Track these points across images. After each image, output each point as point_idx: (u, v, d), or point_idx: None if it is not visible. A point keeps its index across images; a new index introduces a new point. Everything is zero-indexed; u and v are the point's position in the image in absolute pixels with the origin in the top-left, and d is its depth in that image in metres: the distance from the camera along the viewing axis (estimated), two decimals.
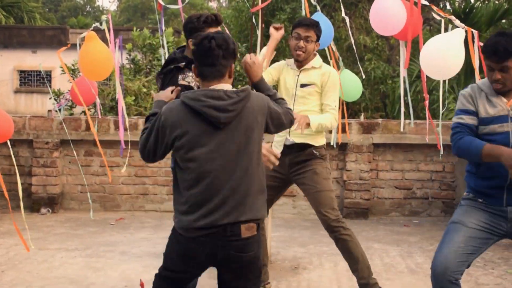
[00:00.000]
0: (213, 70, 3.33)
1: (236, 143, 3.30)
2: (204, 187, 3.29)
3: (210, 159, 3.28)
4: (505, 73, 3.71)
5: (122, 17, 41.19)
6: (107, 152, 8.68)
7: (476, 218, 3.87)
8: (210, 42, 3.31)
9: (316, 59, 5.18)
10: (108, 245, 7.00)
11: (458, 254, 3.80)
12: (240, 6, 15.96)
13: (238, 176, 3.31)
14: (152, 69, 11.65)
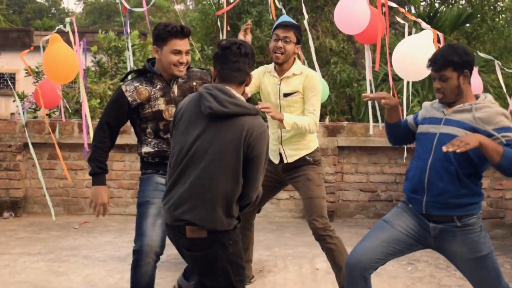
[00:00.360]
0: (237, 75, 3.50)
1: (215, 143, 3.39)
2: (176, 175, 3.47)
3: (187, 148, 3.44)
4: (444, 82, 3.79)
5: (88, 20, 40.89)
6: (71, 155, 8.60)
7: (404, 223, 3.91)
8: (240, 48, 3.48)
9: (296, 65, 5.07)
10: (72, 249, 6.94)
11: (376, 251, 3.85)
12: (207, 9, 15.95)
13: (204, 177, 3.38)
14: (117, 72, 11.57)
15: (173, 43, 4.32)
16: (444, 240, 3.80)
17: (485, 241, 3.77)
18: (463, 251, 3.78)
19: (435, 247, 3.90)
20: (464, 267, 3.86)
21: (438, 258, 6.85)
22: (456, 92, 3.77)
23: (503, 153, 3.55)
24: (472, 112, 3.71)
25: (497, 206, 7.74)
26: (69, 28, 7.05)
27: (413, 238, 3.89)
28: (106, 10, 40.64)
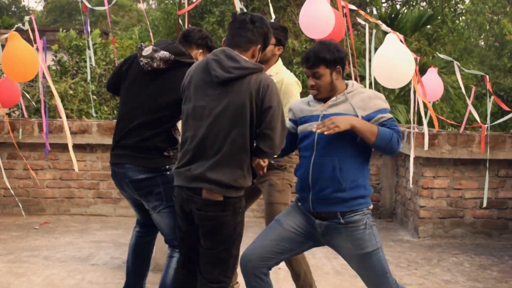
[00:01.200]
0: (238, 40, 3.63)
1: (225, 108, 3.52)
2: (189, 139, 3.62)
3: (198, 113, 3.57)
4: (318, 79, 3.83)
5: (49, 18, 40.41)
6: (31, 155, 8.49)
7: (293, 221, 3.94)
8: (245, 15, 3.66)
9: (276, 66, 4.95)
10: (32, 249, 6.85)
11: (266, 250, 3.89)
12: (169, 8, 15.92)
13: (221, 139, 3.52)
14: (79, 71, 11.46)
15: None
16: (331, 236, 3.83)
17: (370, 238, 3.78)
18: (348, 247, 3.81)
19: (325, 243, 3.94)
20: (351, 263, 3.91)
21: (399, 257, 6.92)
22: (329, 88, 3.81)
23: (377, 133, 3.63)
24: (347, 101, 3.77)
25: (457, 206, 7.83)
26: (28, 26, 6.96)
27: (302, 235, 3.91)
28: (67, 9, 40.23)
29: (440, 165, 7.79)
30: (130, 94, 4.38)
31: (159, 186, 4.30)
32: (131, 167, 4.29)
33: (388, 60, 5.56)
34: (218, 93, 3.54)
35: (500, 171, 7.84)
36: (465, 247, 7.45)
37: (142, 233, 4.76)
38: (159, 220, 4.43)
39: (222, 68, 3.52)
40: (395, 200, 8.90)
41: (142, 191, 4.35)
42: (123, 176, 4.34)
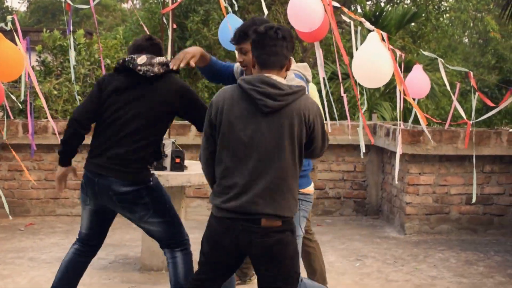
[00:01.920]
0: (276, 60, 3.45)
1: (274, 135, 3.40)
2: (236, 171, 3.44)
3: (246, 143, 3.42)
4: (244, 55, 3.92)
5: (33, 18, 40.15)
6: (14, 156, 8.43)
7: None
8: (276, 32, 3.44)
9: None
10: (17, 251, 6.81)
11: None
12: (153, 8, 15.85)
13: (272, 169, 3.41)
14: (63, 71, 11.40)
15: None
16: None
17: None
18: None
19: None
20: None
21: (385, 254, 6.94)
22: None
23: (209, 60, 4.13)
24: None
25: (442, 202, 7.86)
26: (11, 27, 6.90)
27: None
28: (51, 9, 39.96)
29: (425, 161, 7.81)
30: (121, 103, 4.31)
31: (144, 197, 4.31)
32: (116, 181, 4.26)
33: (367, 60, 5.56)
34: (266, 121, 3.40)
35: (485, 167, 7.88)
36: (451, 243, 7.48)
37: (82, 252, 4.60)
38: (149, 227, 4.45)
39: (268, 97, 3.37)
40: (381, 197, 8.92)
41: (126, 203, 4.32)
42: (106, 188, 4.28)
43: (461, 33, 30.47)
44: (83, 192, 4.47)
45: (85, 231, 4.58)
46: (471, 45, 32.18)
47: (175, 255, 4.50)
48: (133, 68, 4.26)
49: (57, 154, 4.51)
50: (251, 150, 3.41)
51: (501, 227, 7.94)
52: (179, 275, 4.48)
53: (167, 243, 4.50)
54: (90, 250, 4.63)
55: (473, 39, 32.60)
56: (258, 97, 3.37)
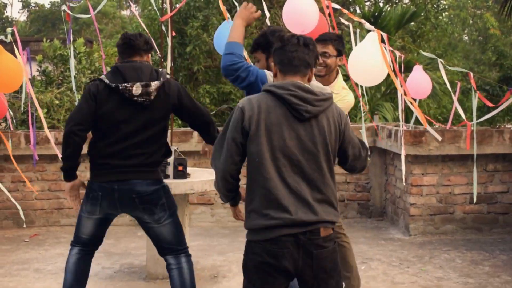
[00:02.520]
0: (299, 65, 3.37)
1: (313, 141, 3.32)
2: (283, 180, 3.27)
3: (287, 151, 3.28)
4: (258, 63, 4.16)
5: (33, 28, 40.23)
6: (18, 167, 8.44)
7: None
8: (298, 39, 3.39)
9: (336, 83, 4.96)
10: (22, 262, 6.82)
11: None
12: (153, 14, 15.84)
13: (318, 176, 3.32)
14: (64, 80, 11.41)
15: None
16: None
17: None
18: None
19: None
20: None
21: (390, 256, 6.93)
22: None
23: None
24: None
25: (446, 202, 7.85)
26: (11, 38, 6.92)
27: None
28: (51, 18, 40.02)
29: (428, 162, 7.81)
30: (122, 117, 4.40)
31: (162, 197, 4.47)
32: (139, 181, 4.40)
33: (360, 59, 5.56)
34: (304, 128, 3.31)
35: (488, 166, 7.87)
36: (456, 243, 7.47)
37: (84, 251, 4.69)
38: (163, 230, 4.53)
39: (306, 101, 3.29)
40: (385, 198, 8.91)
41: (148, 205, 4.44)
42: (129, 192, 4.40)
43: (461, 31, 30.44)
44: (94, 204, 4.50)
45: (87, 237, 4.65)
46: (471, 42, 32.19)
47: (180, 260, 4.58)
48: (129, 97, 4.33)
49: (61, 170, 4.54)
50: (292, 157, 3.29)
51: (506, 225, 7.93)
52: (186, 281, 4.54)
53: (175, 248, 4.58)
54: (92, 249, 4.75)
55: (473, 36, 32.62)
56: (297, 101, 3.28)
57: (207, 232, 8.20)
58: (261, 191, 3.30)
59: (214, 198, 8.58)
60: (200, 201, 8.68)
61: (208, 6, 15.24)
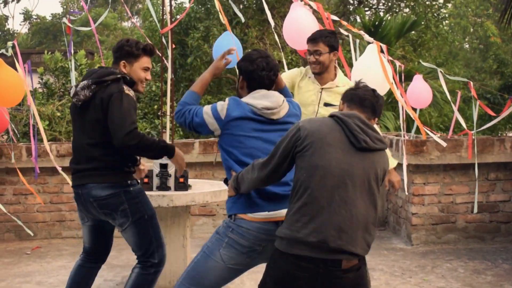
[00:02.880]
0: (369, 106, 3.51)
1: (365, 172, 3.34)
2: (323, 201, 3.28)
3: (337, 173, 3.29)
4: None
5: (34, 40, 40.37)
6: (20, 180, 8.44)
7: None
8: (372, 90, 3.59)
9: (339, 77, 5.09)
10: (24, 275, 6.81)
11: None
12: (153, 26, 15.91)
13: (357, 205, 3.31)
14: (65, 92, 11.44)
15: (145, 61, 4.47)
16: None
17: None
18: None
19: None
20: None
21: (393, 266, 6.92)
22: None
23: None
24: None
25: (448, 211, 7.84)
26: (12, 52, 6.95)
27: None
28: (52, 30, 40.17)
29: (429, 171, 7.80)
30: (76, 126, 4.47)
31: (124, 203, 4.34)
32: (94, 185, 4.32)
33: (361, 72, 5.58)
34: (359, 157, 3.34)
35: (490, 175, 7.86)
36: (459, 252, 7.45)
37: (88, 259, 4.75)
38: (126, 237, 4.49)
39: (367, 135, 3.36)
40: (387, 208, 8.90)
41: (107, 209, 4.36)
42: (87, 195, 4.35)
43: (462, 39, 30.49)
44: (79, 210, 4.57)
45: (89, 245, 4.70)
46: (472, 50, 32.23)
47: (134, 269, 4.53)
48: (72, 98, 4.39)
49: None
50: (337, 180, 3.28)
51: (508, 234, 7.92)
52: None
53: (139, 256, 4.52)
54: (96, 258, 4.75)
55: (473, 44, 32.66)
56: (357, 131, 3.34)
57: None
58: (302, 205, 3.33)
59: (215, 209, 8.58)
60: (202, 212, 8.67)
61: (209, 17, 15.30)
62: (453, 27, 28.36)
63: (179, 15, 14.70)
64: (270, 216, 3.70)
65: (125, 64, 4.43)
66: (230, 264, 3.77)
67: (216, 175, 8.55)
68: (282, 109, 3.87)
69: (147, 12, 17.63)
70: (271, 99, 3.84)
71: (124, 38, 4.55)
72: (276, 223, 3.65)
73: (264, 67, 3.87)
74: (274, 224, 3.67)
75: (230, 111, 3.82)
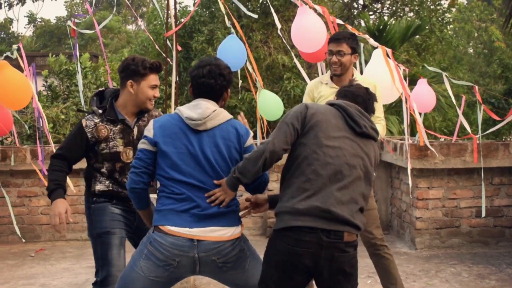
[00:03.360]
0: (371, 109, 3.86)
1: (361, 155, 3.59)
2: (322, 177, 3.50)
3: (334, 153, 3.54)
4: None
5: (39, 43, 40.44)
6: (24, 182, 8.47)
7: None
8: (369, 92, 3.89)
9: (355, 76, 5.12)
10: (28, 278, 6.81)
11: None
12: (158, 29, 15.94)
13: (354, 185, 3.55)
14: (70, 95, 11.46)
15: (152, 78, 4.36)
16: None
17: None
18: None
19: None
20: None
21: None
22: None
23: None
24: None
25: (452, 216, 7.83)
26: (17, 54, 6.97)
27: None
28: (57, 33, 40.25)
29: (434, 175, 7.79)
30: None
31: (90, 216, 4.42)
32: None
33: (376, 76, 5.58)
34: (358, 141, 3.63)
35: (494, 179, 7.85)
36: (463, 257, 7.44)
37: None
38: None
39: (367, 120, 3.69)
40: (391, 212, 8.89)
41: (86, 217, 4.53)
42: None
43: (466, 44, 30.50)
44: None
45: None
46: (476, 55, 32.20)
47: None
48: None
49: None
50: (343, 160, 3.52)
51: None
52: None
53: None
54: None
55: (478, 49, 32.64)
56: (359, 116, 3.65)
57: None
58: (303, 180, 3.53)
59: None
60: None
61: (213, 21, 15.32)
62: (457, 31, 28.38)
63: (183, 18, 14.73)
64: (187, 233, 3.58)
65: (132, 84, 4.32)
66: (151, 276, 3.63)
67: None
68: (208, 121, 3.68)
69: (151, 16, 17.66)
70: (198, 110, 3.69)
71: (129, 57, 4.45)
72: (192, 241, 3.56)
73: (205, 74, 3.73)
74: (189, 240, 3.57)
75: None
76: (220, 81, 3.74)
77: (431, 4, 18.85)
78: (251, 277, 3.72)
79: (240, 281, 3.75)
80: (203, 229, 3.57)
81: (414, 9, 18.88)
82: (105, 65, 12.75)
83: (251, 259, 3.75)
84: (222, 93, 3.79)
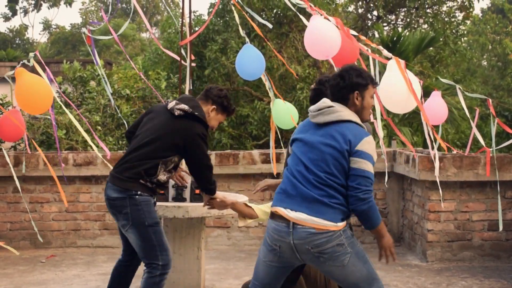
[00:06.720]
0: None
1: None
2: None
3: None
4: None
5: (53, 49, 40.64)
6: (36, 188, 8.50)
7: None
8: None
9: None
10: (39, 284, 6.83)
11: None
12: (172, 37, 15.97)
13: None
14: (83, 102, 11.49)
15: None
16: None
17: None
18: None
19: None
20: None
21: (407, 282, 6.87)
22: None
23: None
24: None
25: (464, 229, 7.79)
26: (33, 62, 7.00)
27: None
28: (71, 40, 40.42)
29: (446, 188, 7.75)
30: (142, 129, 4.96)
31: (127, 207, 4.76)
32: (110, 185, 4.84)
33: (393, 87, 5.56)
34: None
35: (507, 193, 7.80)
36: (474, 270, 7.40)
37: (123, 261, 5.20)
38: (130, 240, 4.90)
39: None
40: (402, 224, 8.85)
41: (113, 209, 4.84)
42: (105, 193, 4.90)
43: (480, 56, 30.42)
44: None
45: (122, 244, 5.19)
46: (490, 68, 32.09)
47: (142, 276, 4.86)
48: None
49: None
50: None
51: None
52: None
53: (143, 259, 4.88)
54: (131, 258, 5.14)
55: (492, 62, 32.51)
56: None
57: (223, 256, 8.17)
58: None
59: (230, 221, 8.57)
60: (217, 224, 8.67)
61: (227, 30, 15.34)
62: (471, 44, 28.31)
63: (197, 27, 14.76)
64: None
65: (214, 110, 5.06)
66: (266, 261, 4.02)
67: (232, 187, 8.56)
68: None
69: (166, 24, 17.71)
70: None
71: (223, 92, 5.10)
72: (287, 227, 3.87)
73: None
74: (285, 227, 3.89)
75: None
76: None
77: (446, 16, 18.84)
78: (350, 275, 3.92)
79: (339, 276, 3.95)
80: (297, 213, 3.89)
81: (429, 21, 18.86)
82: (118, 72, 12.81)
83: (352, 256, 3.91)
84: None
